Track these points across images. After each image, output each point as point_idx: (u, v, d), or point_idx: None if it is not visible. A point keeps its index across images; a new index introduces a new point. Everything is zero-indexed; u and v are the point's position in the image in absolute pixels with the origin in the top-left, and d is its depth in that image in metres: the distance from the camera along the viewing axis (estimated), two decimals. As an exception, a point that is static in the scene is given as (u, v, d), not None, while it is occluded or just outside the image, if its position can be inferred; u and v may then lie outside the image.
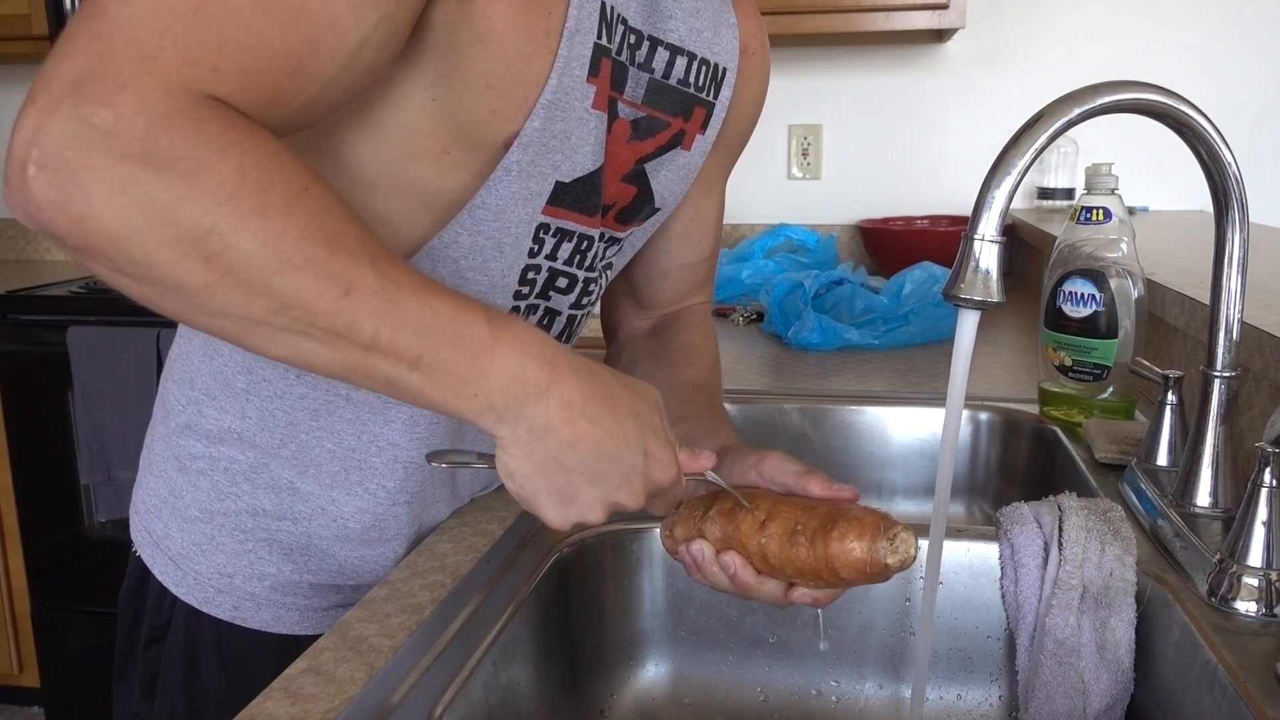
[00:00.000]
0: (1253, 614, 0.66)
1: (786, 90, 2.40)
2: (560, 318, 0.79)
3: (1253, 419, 0.92)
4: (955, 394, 0.64)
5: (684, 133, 0.79)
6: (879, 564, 0.59)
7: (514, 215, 0.69)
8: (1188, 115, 0.67)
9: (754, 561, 0.64)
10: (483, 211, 0.68)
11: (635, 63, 0.73)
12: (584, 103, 0.68)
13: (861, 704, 0.84)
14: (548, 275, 0.75)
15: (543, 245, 0.73)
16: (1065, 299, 1.06)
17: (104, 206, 0.45)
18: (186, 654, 0.81)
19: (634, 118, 0.74)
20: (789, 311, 1.60)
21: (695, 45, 0.77)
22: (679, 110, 0.78)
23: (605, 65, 0.68)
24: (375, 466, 0.77)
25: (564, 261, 0.75)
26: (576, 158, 0.69)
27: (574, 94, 0.66)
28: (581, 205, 0.72)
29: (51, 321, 2.14)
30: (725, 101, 0.82)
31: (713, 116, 0.82)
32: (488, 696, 0.66)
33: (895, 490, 1.23)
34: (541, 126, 0.66)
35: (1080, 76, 0.81)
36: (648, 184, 0.79)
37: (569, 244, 0.74)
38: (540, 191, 0.69)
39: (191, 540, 0.80)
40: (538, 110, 0.65)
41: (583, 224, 0.74)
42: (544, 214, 0.71)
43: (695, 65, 0.77)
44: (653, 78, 0.75)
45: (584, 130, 0.69)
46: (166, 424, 0.81)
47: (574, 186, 0.71)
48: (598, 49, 0.67)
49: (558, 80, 0.65)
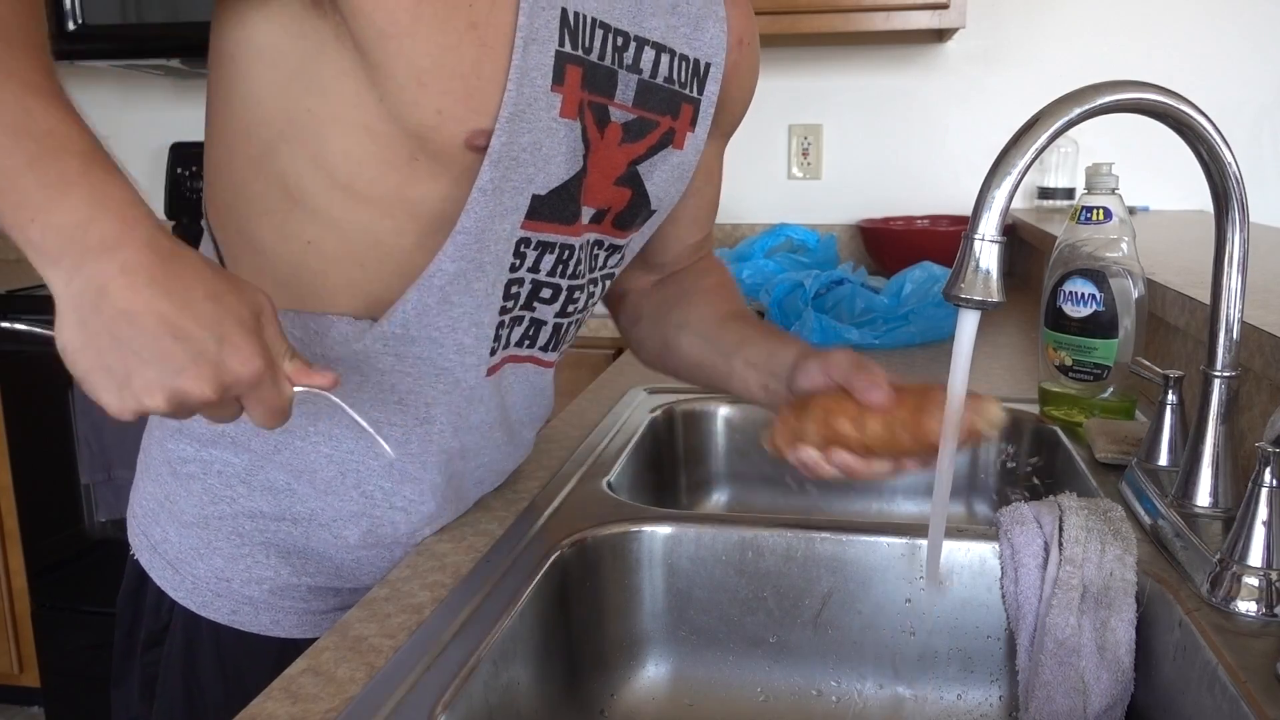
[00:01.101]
0: (1253, 614, 0.66)
1: (786, 90, 2.40)
2: (546, 327, 0.80)
3: (1253, 419, 0.92)
4: (955, 394, 0.64)
5: (674, 131, 0.79)
6: (975, 432, 0.67)
7: (493, 234, 0.69)
8: (1188, 115, 0.67)
9: (858, 452, 0.70)
10: (464, 236, 0.68)
11: (623, 65, 0.73)
12: (550, 112, 0.68)
13: (861, 704, 0.84)
14: (531, 287, 0.75)
15: (524, 259, 0.73)
16: (1065, 299, 1.06)
17: None
18: (185, 657, 0.81)
19: (625, 120, 0.74)
20: (789, 311, 1.60)
21: (674, 42, 0.77)
22: (667, 109, 0.78)
23: (572, 72, 0.68)
24: (373, 469, 0.77)
25: (547, 273, 0.76)
26: (550, 169, 0.70)
27: (538, 104, 0.66)
28: (559, 215, 0.73)
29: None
30: (712, 97, 0.82)
31: (700, 113, 0.82)
32: (488, 696, 0.66)
33: (895, 490, 1.23)
34: (509, 140, 0.66)
35: (1080, 76, 0.81)
36: (642, 186, 0.79)
37: (550, 255, 0.74)
38: (517, 207, 0.69)
39: (189, 544, 0.79)
40: (501, 124, 0.65)
41: (563, 234, 0.74)
42: (523, 229, 0.71)
43: (676, 62, 0.78)
44: (641, 78, 0.75)
45: (554, 140, 0.69)
46: (162, 426, 0.81)
47: (550, 198, 0.71)
48: (561, 56, 0.67)
49: (517, 91, 0.65)
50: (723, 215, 2.75)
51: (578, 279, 0.79)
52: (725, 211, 2.50)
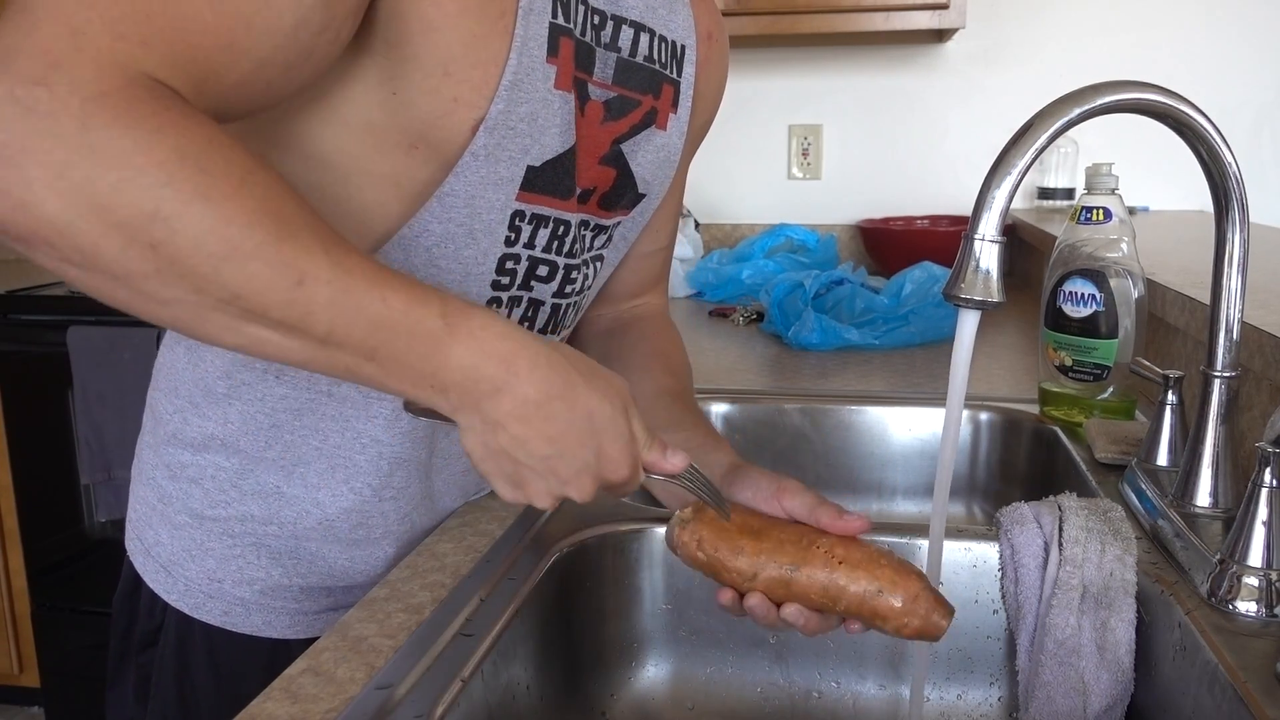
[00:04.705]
0: (1253, 614, 0.66)
1: (786, 90, 2.40)
2: (544, 307, 0.79)
3: (1253, 419, 0.92)
4: (955, 394, 0.64)
5: (656, 110, 0.79)
6: None
7: (485, 201, 0.69)
8: (1188, 115, 0.67)
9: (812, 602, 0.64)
10: (452, 199, 0.67)
11: (601, 43, 0.73)
12: (546, 83, 0.67)
13: (861, 704, 0.84)
14: (528, 264, 0.75)
15: (519, 233, 0.72)
16: (1065, 299, 1.06)
17: (45, 191, 0.44)
18: (178, 659, 0.81)
19: (605, 98, 0.74)
20: (789, 311, 1.60)
21: (653, 21, 0.77)
22: (648, 88, 0.78)
23: (565, 45, 0.68)
24: (360, 464, 0.77)
25: (542, 249, 0.75)
26: (545, 140, 0.69)
27: (535, 75, 0.66)
28: (554, 189, 0.72)
29: (51, 321, 2.14)
30: (690, 79, 0.82)
31: (681, 95, 0.82)
32: (488, 696, 0.66)
33: (895, 490, 1.23)
34: (505, 109, 0.65)
35: (1080, 76, 0.81)
36: (627, 166, 0.79)
37: (545, 230, 0.74)
38: (511, 177, 0.69)
39: (181, 546, 0.80)
40: (500, 93, 0.64)
41: (557, 208, 0.74)
42: (518, 200, 0.70)
43: (656, 41, 0.77)
44: (620, 56, 0.74)
45: (549, 112, 0.68)
46: (155, 433, 0.81)
47: (544, 170, 0.70)
48: (554, 28, 0.67)
49: (517, 60, 0.64)
50: (723, 215, 2.76)
51: (574, 258, 0.78)
52: (725, 211, 2.53)
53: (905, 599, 0.61)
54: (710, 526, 0.65)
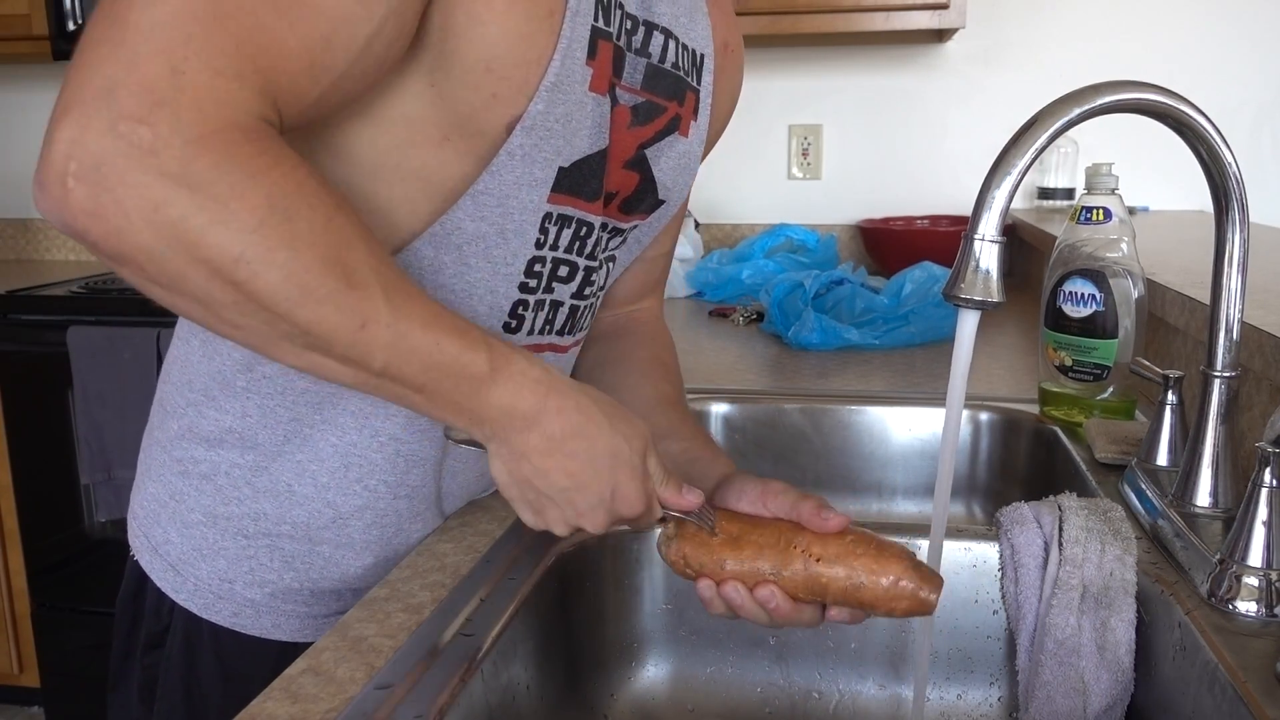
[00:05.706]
0: (1253, 614, 0.66)
1: (786, 90, 2.40)
2: (563, 308, 0.79)
3: (1253, 419, 0.92)
4: (955, 394, 0.64)
5: (679, 117, 0.79)
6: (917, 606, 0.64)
7: (517, 201, 0.69)
8: (1188, 115, 0.67)
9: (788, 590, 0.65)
10: (485, 197, 0.68)
11: (633, 48, 0.73)
12: (583, 86, 0.67)
13: (861, 704, 0.84)
14: (551, 265, 0.75)
15: (548, 235, 0.72)
16: (1065, 299, 1.06)
17: (140, 222, 0.47)
18: (185, 660, 0.80)
19: (634, 103, 0.74)
20: (789, 311, 1.60)
21: (677, 29, 0.77)
22: (673, 94, 0.78)
23: (604, 48, 0.68)
24: (376, 462, 0.77)
25: (565, 249, 0.75)
26: (576, 141, 0.69)
27: (574, 77, 0.66)
28: (581, 190, 0.72)
29: (51, 321, 2.14)
30: (708, 88, 0.83)
31: (701, 103, 0.82)
32: (488, 696, 0.66)
33: (895, 490, 1.23)
34: (545, 110, 0.65)
35: (1080, 76, 0.81)
36: (649, 172, 0.79)
37: (569, 230, 0.74)
38: (544, 179, 0.69)
39: (192, 545, 0.79)
40: (541, 93, 0.64)
41: (582, 209, 0.74)
42: (549, 202, 0.71)
43: (679, 48, 0.78)
44: (649, 62, 0.75)
45: (583, 114, 0.69)
46: (165, 428, 0.80)
47: (573, 170, 0.70)
48: (595, 31, 0.67)
49: (560, 61, 0.65)
50: (723, 215, 2.76)
51: (594, 259, 0.78)
52: (725, 211, 2.52)
53: (888, 582, 0.63)
54: (691, 542, 0.67)
